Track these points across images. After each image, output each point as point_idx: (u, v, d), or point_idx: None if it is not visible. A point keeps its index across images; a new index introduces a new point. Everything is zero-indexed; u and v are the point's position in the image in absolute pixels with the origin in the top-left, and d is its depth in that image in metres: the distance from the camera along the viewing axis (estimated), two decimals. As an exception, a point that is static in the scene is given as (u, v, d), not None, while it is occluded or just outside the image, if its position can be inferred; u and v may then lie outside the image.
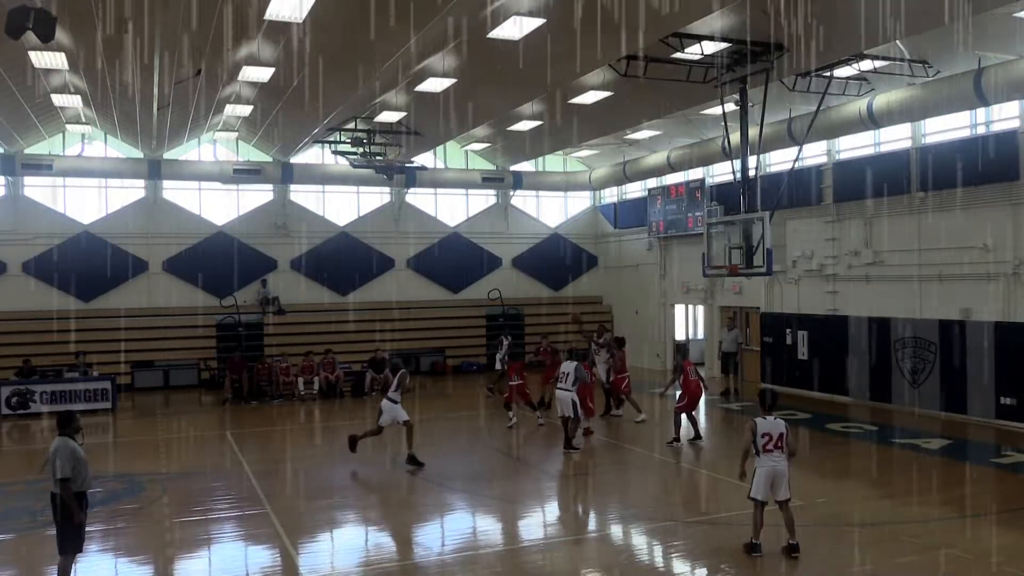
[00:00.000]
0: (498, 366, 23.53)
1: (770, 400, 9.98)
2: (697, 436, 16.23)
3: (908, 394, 19.17)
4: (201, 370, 26.24)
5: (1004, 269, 17.88)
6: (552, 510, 12.62)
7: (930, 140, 19.88)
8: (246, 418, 20.84)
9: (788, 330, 22.44)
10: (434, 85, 18.21)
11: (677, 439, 15.89)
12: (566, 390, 15.57)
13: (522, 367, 18.78)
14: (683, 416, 16.28)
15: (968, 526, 11.04)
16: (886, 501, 12.20)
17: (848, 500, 12.14)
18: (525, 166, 31.13)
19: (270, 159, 27.99)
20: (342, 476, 14.56)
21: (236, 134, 26.74)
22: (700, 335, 29.18)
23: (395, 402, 14.74)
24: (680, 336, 29.60)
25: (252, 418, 20.84)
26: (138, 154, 26.66)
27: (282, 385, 23.62)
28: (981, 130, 18.83)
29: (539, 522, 12.01)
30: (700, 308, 28.34)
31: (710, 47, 15.57)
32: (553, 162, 31.82)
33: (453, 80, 17.80)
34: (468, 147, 29.47)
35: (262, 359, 24.40)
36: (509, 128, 23.92)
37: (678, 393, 16.68)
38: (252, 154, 28.11)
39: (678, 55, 15.78)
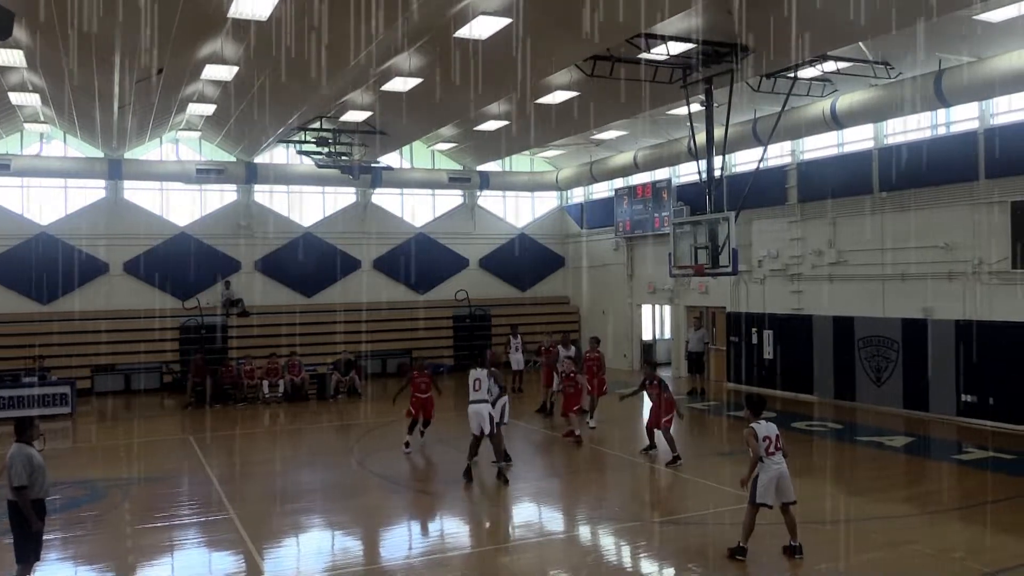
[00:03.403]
0: (515, 366, 23.53)
1: (760, 404, 9.99)
2: (653, 447, 15.40)
3: (872, 392, 19.43)
4: (163, 373, 25.90)
5: (964, 268, 18.17)
6: (519, 512, 12.58)
7: (892, 141, 20.16)
8: (209, 422, 20.59)
9: (754, 330, 22.64)
10: (400, 84, 18.13)
11: (678, 456, 14.62)
12: (483, 401, 14.10)
13: (430, 378, 16.49)
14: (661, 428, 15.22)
15: (931, 522, 11.20)
16: (850, 498, 12.35)
17: (813, 497, 12.24)
18: (492, 166, 31.09)
19: (234, 159, 27.69)
20: (307, 480, 14.43)
21: (199, 133, 26.42)
22: (667, 335, 29.34)
23: (484, 401, 13.74)
24: (647, 336, 29.74)
25: (215, 422, 20.61)
26: (98, 153, 26.24)
27: (246, 388, 23.38)
28: (942, 131, 19.13)
29: (507, 524, 11.98)
30: (667, 308, 28.50)
31: (676, 48, 15.64)
32: (520, 162, 31.81)
33: (419, 79, 17.74)
34: (434, 147, 29.39)
35: (226, 361, 24.13)
36: (476, 128, 23.88)
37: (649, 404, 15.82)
38: (215, 154, 27.79)
39: (644, 55, 15.83)
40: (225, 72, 17.46)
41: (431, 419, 16.34)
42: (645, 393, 15.75)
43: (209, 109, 21.80)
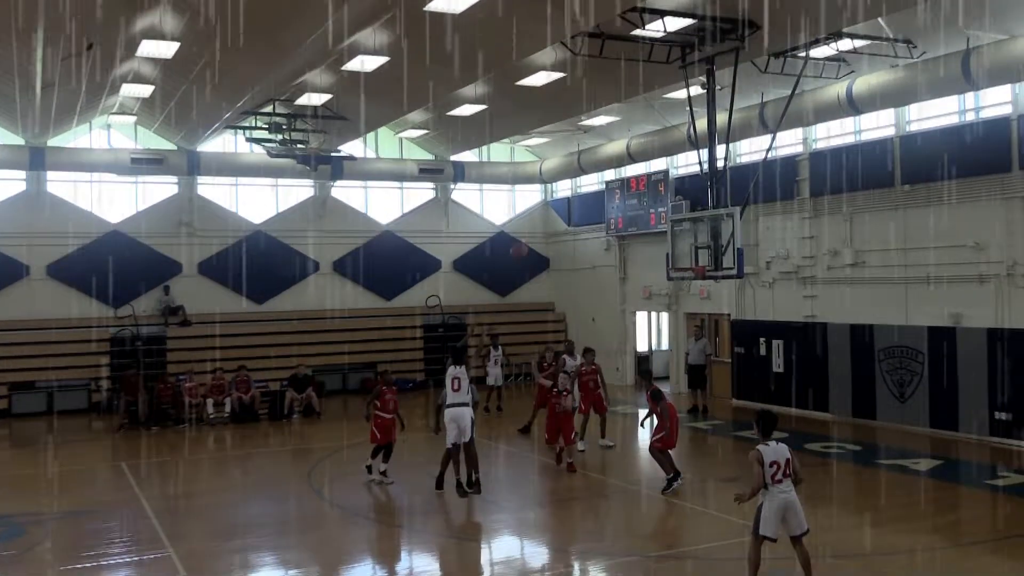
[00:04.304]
0: (491, 381, 23.32)
1: (771, 423, 9.81)
2: (678, 475, 14.73)
3: (894, 410, 19.52)
4: (92, 391, 25.62)
5: (996, 270, 18.30)
6: (499, 546, 12.53)
7: (915, 128, 20.29)
8: (145, 446, 20.37)
9: (761, 339, 22.70)
10: (364, 63, 18.05)
11: (678, 474, 14.37)
12: (464, 404, 14.00)
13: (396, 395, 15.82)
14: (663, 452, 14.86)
15: (962, 555, 11.24)
16: (872, 529, 12.37)
17: (829, 528, 12.26)
18: (467, 156, 31.04)
19: (174, 147, 27.48)
20: (257, 512, 14.29)
21: (134, 118, 26.21)
22: (664, 346, 29.38)
23: (465, 404, 13.51)
24: (642, 347, 29.76)
25: (152, 446, 20.40)
26: (18, 140, 25.95)
27: (188, 407, 23.16)
28: (970, 117, 19.27)
29: (484, 560, 11.93)
30: (664, 315, 28.53)
31: (674, 23, 15.66)
32: (499, 152, 31.79)
33: (385, 58, 17.67)
34: (403, 134, 29.31)
35: (164, 377, 23.91)
36: (449, 113, 23.82)
37: (653, 421, 15.60)
38: (153, 141, 27.56)
39: (638, 32, 15.84)
40: (164, 48, 17.31)
41: (394, 443, 15.86)
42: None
43: (146, 90, 21.61)
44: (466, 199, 32.22)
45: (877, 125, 21.07)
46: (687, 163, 26.10)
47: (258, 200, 29.40)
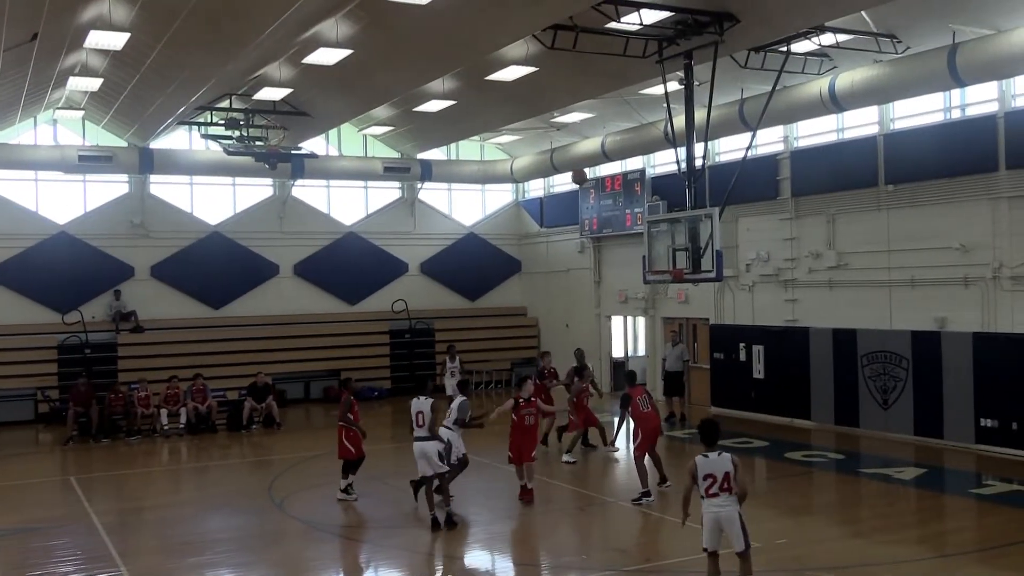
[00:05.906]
0: (450, 392, 23.20)
1: (712, 433, 9.77)
2: (663, 480, 15.15)
3: (878, 417, 19.72)
4: (39, 402, 25.42)
5: (982, 272, 18.54)
6: (469, 561, 12.55)
7: (899, 126, 20.54)
8: (95, 459, 20.27)
9: (741, 345, 22.85)
10: (326, 56, 18.02)
11: (648, 493, 14.56)
12: (428, 438, 13.73)
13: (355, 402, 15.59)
14: (646, 459, 15.03)
15: (947, 566, 11.38)
16: (855, 540, 12.51)
17: (812, 540, 12.40)
18: (435, 154, 31.06)
19: (125, 144, 27.29)
20: (215, 527, 14.22)
21: (82, 113, 26.01)
22: (640, 351, 29.50)
23: (429, 438, 13.48)
24: (617, 353, 29.87)
25: (103, 459, 20.29)
26: (-42, 137, 25.72)
27: (140, 418, 23.05)
28: (956, 114, 19.53)
29: (455, 576, 11.96)
30: (640, 320, 28.67)
31: (650, 16, 15.77)
32: (468, 149, 31.83)
33: (348, 51, 17.65)
34: (367, 131, 29.28)
35: (115, 387, 23.75)
36: (416, 109, 23.83)
37: (630, 428, 15.77)
38: (102, 137, 27.36)
39: (613, 25, 15.94)
40: (114, 39, 17.18)
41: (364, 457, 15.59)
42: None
43: (95, 84, 21.45)
44: (434, 199, 32.22)
45: (860, 123, 21.29)
46: (664, 162, 26.23)
47: (214, 200, 29.25)
